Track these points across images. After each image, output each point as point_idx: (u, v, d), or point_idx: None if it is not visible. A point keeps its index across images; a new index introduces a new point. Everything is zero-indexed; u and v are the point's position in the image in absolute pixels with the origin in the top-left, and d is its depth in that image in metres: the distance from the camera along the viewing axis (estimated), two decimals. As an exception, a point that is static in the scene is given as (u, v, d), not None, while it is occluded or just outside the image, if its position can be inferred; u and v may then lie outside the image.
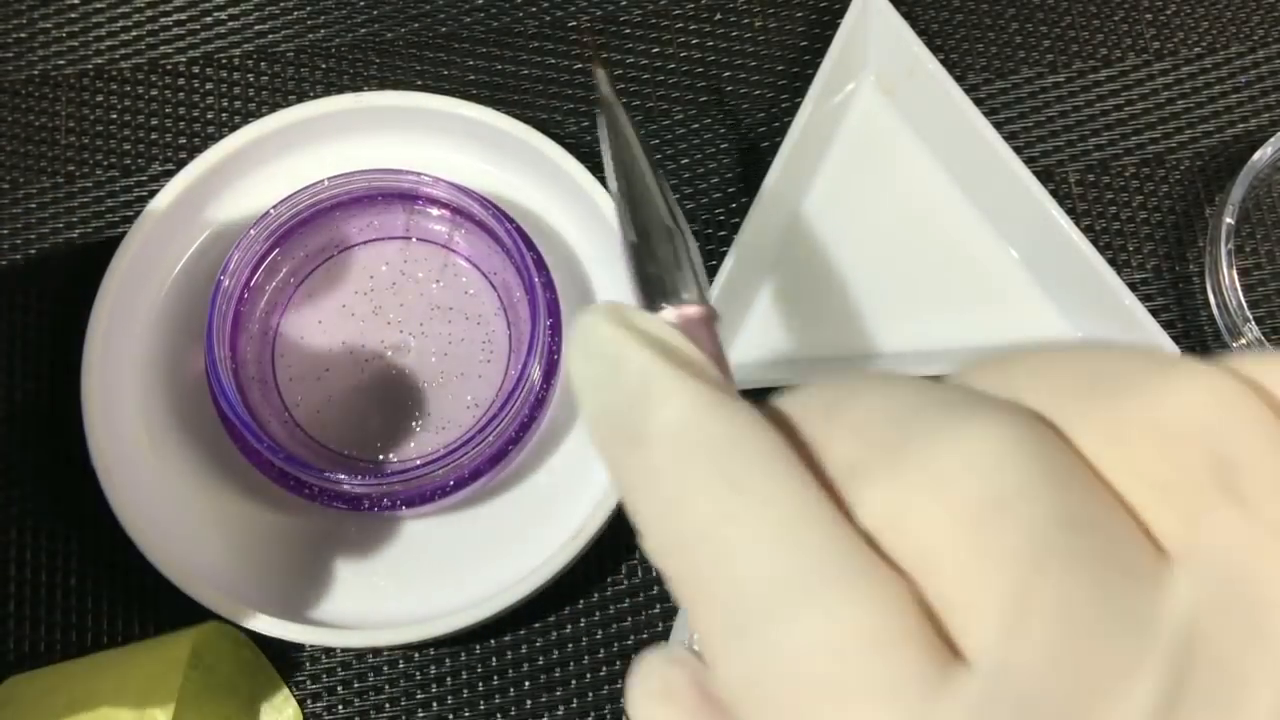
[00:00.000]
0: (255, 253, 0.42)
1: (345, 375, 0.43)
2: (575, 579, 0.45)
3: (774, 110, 0.51)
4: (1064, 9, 0.53)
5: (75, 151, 0.50)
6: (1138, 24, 0.53)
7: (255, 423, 0.39)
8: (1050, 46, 0.52)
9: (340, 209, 0.43)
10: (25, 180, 0.49)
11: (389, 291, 0.44)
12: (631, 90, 0.51)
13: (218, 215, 0.45)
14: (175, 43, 0.51)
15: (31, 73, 0.51)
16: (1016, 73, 0.52)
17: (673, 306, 0.29)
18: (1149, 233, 0.50)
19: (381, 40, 0.52)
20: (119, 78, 0.51)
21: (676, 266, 0.31)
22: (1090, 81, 0.52)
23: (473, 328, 0.43)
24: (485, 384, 0.43)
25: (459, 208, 0.43)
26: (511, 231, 0.41)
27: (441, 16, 0.52)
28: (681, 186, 0.50)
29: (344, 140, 0.46)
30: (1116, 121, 0.51)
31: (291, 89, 0.51)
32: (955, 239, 0.49)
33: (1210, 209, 0.50)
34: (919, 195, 0.50)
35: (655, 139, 0.50)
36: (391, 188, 0.42)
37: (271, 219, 0.41)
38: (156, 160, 0.50)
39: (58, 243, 0.48)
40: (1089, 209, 0.50)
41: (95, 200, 0.49)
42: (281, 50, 0.51)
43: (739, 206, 0.49)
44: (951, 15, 0.53)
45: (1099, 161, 0.51)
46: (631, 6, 0.52)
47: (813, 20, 0.52)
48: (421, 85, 0.51)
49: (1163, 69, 0.52)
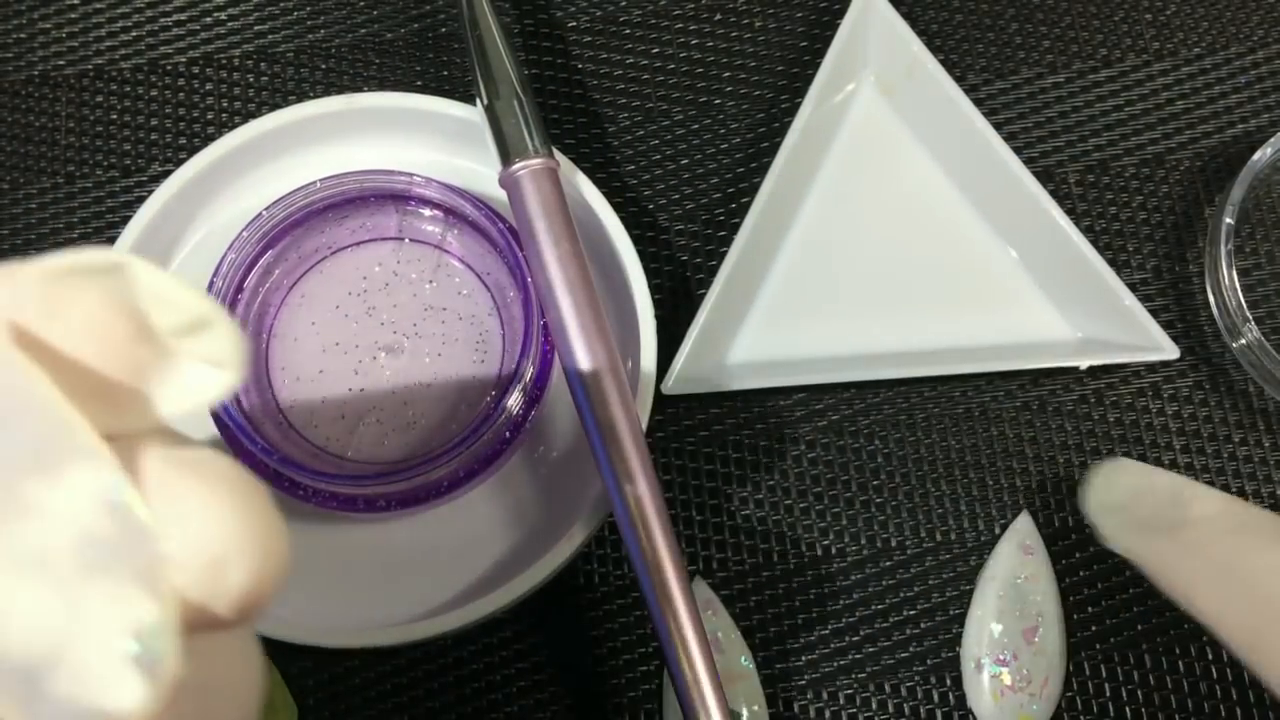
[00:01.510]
0: (248, 254, 0.42)
1: (339, 376, 0.43)
2: (569, 579, 0.45)
3: (773, 110, 0.51)
4: (1064, 9, 0.53)
5: (75, 152, 0.50)
6: (1137, 24, 0.52)
7: (249, 424, 0.40)
8: (1050, 47, 0.52)
9: (333, 210, 0.43)
10: (25, 180, 0.49)
11: (382, 292, 0.44)
12: (631, 90, 0.51)
13: (210, 217, 0.46)
14: (175, 43, 0.51)
15: (31, 73, 0.51)
16: (1016, 73, 0.52)
17: (522, 160, 0.40)
18: (1149, 233, 0.50)
19: (381, 41, 0.52)
20: (119, 78, 0.51)
21: (522, 125, 0.41)
22: (1090, 82, 0.51)
23: (466, 328, 0.43)
24: (479, 383, 0.43)
25: (451, 208, 0.43)
26: (504, 231, 0.41)
27: (441, 17, 0.52)
28: (681, 186, 0.50)
29: (337, 142, 0.46)
30: (1116, 122, 0.51)
31: (291, 89, 0.51)
32: (954, 239, 0.49)
33: (1210, 209, 0.50)
34: (919, 196, 0.50)
35: (655, 139, 0.50)
36: (384, 188, 0.42)
37: (264, 220, 0.41)
38: (156, 161, 0.50)
39: (58, 243, 0.49)
40: (1089, 209, 0.50)
41: (95, 200, 0.49)
42: (281, 51, 0.51)
43: (739, 207, 0.49)
44: (951, 15, 0.52)
45: (1099, 162, 0.50)
46: (631, 7, 0.52)
47: (812, 20, 0.52)
48: (421, 86, 0.51)
49: (1162, 69, 0.52)
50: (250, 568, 0.18)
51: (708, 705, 0.36)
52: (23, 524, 0.17)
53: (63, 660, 0.16)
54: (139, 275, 0.18)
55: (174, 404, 0.19)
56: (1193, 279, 0.49)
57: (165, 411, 0.19)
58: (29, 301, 0.18)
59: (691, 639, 0.36)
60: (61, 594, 0.17)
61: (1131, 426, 0.47)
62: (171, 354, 0.19)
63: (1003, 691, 0.43)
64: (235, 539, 0.18)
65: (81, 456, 0.17)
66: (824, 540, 0.46)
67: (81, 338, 0.18)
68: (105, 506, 0.17)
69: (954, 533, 0.46)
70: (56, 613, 0.16)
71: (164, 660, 0.17)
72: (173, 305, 0.18)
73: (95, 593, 0.17)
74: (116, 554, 0.17)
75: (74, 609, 0.16)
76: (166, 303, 0.18)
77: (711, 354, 0.47)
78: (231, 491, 0.18)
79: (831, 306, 0.48)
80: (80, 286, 0.18)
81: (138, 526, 0.17)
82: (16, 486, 0.17)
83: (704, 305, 0.45)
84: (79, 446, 0.17)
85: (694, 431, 0.47)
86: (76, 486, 0.17)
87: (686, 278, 0.49)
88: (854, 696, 0.44)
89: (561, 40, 0.52)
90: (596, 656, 0.45)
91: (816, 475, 0.47)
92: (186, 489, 0.18)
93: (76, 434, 0.17)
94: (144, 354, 0.19)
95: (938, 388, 0.48)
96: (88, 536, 0.17)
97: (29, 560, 0.17)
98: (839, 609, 0.45)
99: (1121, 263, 0.49)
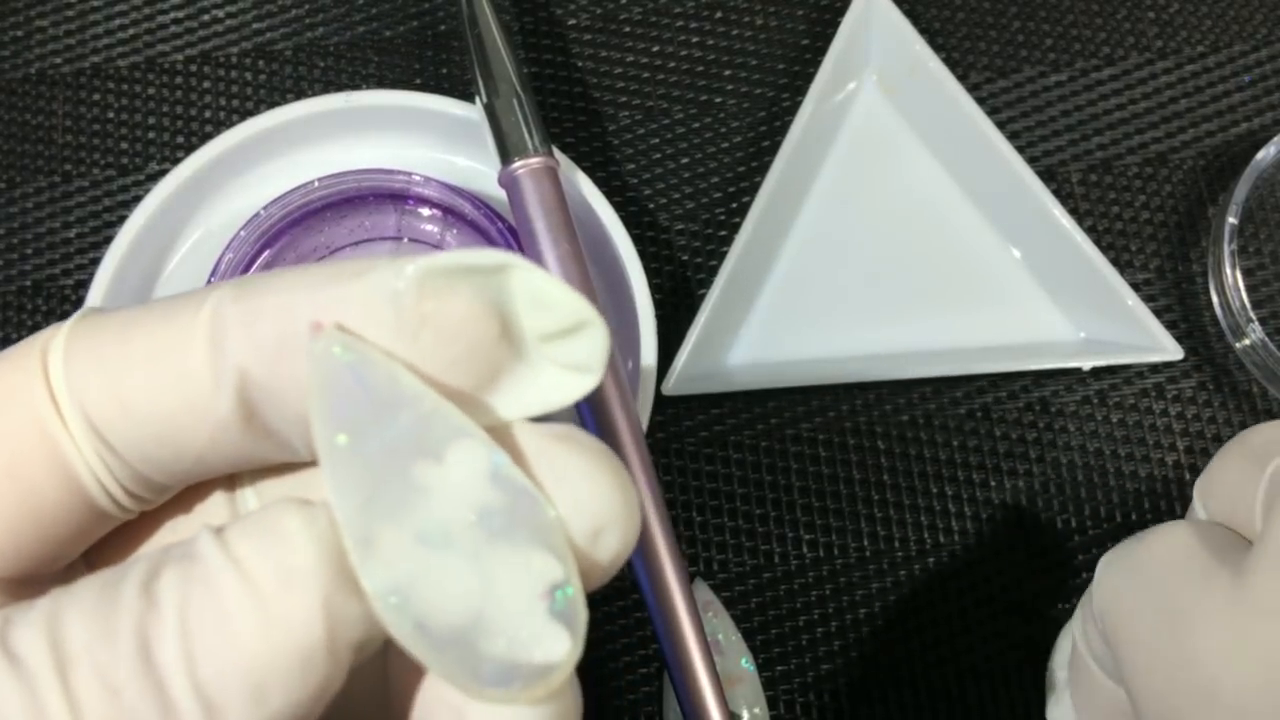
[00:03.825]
0: (246, 254, 0.41)
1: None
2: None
3: (775, 109, 0.51)
4: (1066, 7, 0.52)
5: (72, 150, 0.50)
6: (1140, 22, 0.52)
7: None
8: (1053, 45, 0.52)
9: (331, 209, 0.42)
10: (22, 179, 0.49)
11: (381, 292, 0.43)
12: (631, 89, 0.51)
13: (207, 216, 0.45)
14: (173, 41, 0.51)
15: (28, 71, 0.51)
16: (1019, 71, 0.51)
17: (521, 159, 0.40)
18: (1152, 232, 0.49)
19: (380, 39, 0.51)
20: (116, 76, 0.51)
21: (522, 124, 0.41)
22: (1093, 80, 0.51)
23: (466, 328, 0.43)
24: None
25: (450, 207, 0.42)
26: (504, 231, 0.41)
27: (440, 15, 0.52)
28: (682, 186, 0.50)
29: (335, 141, 0.46)
30: (1119, 120, 0.51)
31: (290, 87, 0.51)
32: (956, 239, 0.49)
33: (1213, 209, 0.49)
34: (920, 195, 0.49)
35: (655, 138, 0.50)
36: (382, 188, 0.42)
37: (262, 220, 0.41)
38: (154, 159, 0.50)
39: (54, 242, 0.48)
40: (1091, 209, 0.50)
41: (92, 200, 0.49)
42: (279, 49, 0.51)
43: (740, 206, 0.49)
44: (953, 13, 0.52)
45: (1101, 161, 0.50)
46: (631, 4, 0.52)
47: (813, 19, 0.52)
48: (420, 84, 0.50)
49: (1166, 67, 0.51)
50: (623, 535, 0.19)
51: (707, 706, 0.35)
52: (422, 504, 0.18)
53: (488, 623, 0.18)
54: (523, 276, 0.19)
55: (524, 407, 0.20)
56: (1196, 279, 0.49)
57: (512, 414, 0.20)
58: (409, 296, 0.18)
59: (691, 639, 0.36)
60: (472, 563, 0.18)
61: (1135, 428, 0.47)
62: (530, 356, 0.20)
63: None
64: (613, 508, 0.19)
65: (459, 436, 0.19)
66: (825, 541, 0.46)
67: (452, 336, 0.19)
68: (491, 480, 0.18)
69: (956, 534, 0.46)
70: (472, 580, 0.18)
71: (578, 612, 0.18)
72: (553, 308, 0.19)
73: (502, 558, 0.18)
74: (512, 521, 0.18)
75: (487, 575, 0.18)
76: (546, 305, 0.19)
77: (712, 354, 0.46)
78: (609, 463, 0.19)
79: (833, 307, 0.48)
80: (457, 284, 0.19)
81: (527, 494, 0.18)
82: (408, 471, 0.18)
83: (704, 305, 0.45)
84: (455, 428, 0.19)
85: (694, 432, 0.47)
86: (461, 464, 0.18)
87: (687, 278, 0.48)
88: (855, 698, 0.44)
89: (561, 38, 0.51)
90: (596, 658, 0.44)
91: (818, 476, 0.46)
92: (567, 462, 0.19)
93: (450, 418, 0.19)
94: (502, 354, 0.19)
95: (939, 389, 0.47)
96: (483, 508, 0.18)
97: (436, 536, 0.18)
98: (840, 611, 0.45)
99: (1124, 263, 0.49)
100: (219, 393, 0.19)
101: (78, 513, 0.20)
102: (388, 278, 0.18)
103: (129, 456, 0.19)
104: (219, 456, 0.20)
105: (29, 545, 0.20)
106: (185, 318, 0.19)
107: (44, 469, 0.19)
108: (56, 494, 0.19)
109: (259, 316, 0.19)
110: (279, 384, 0.19)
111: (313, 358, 0.18)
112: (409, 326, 0.18)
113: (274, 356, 0.19)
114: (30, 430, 0.19)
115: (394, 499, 0.18)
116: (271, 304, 0.19)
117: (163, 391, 0.19)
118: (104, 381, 0.19)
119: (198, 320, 0.19)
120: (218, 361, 0.19)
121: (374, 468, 0.18)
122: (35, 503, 0.19)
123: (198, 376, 0.19)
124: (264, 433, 0.19)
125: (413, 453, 0.18)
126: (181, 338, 0.19)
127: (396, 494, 0.18)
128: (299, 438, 0.20)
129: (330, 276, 0.19)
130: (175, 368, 0.19)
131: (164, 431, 0.19)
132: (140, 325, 0.19)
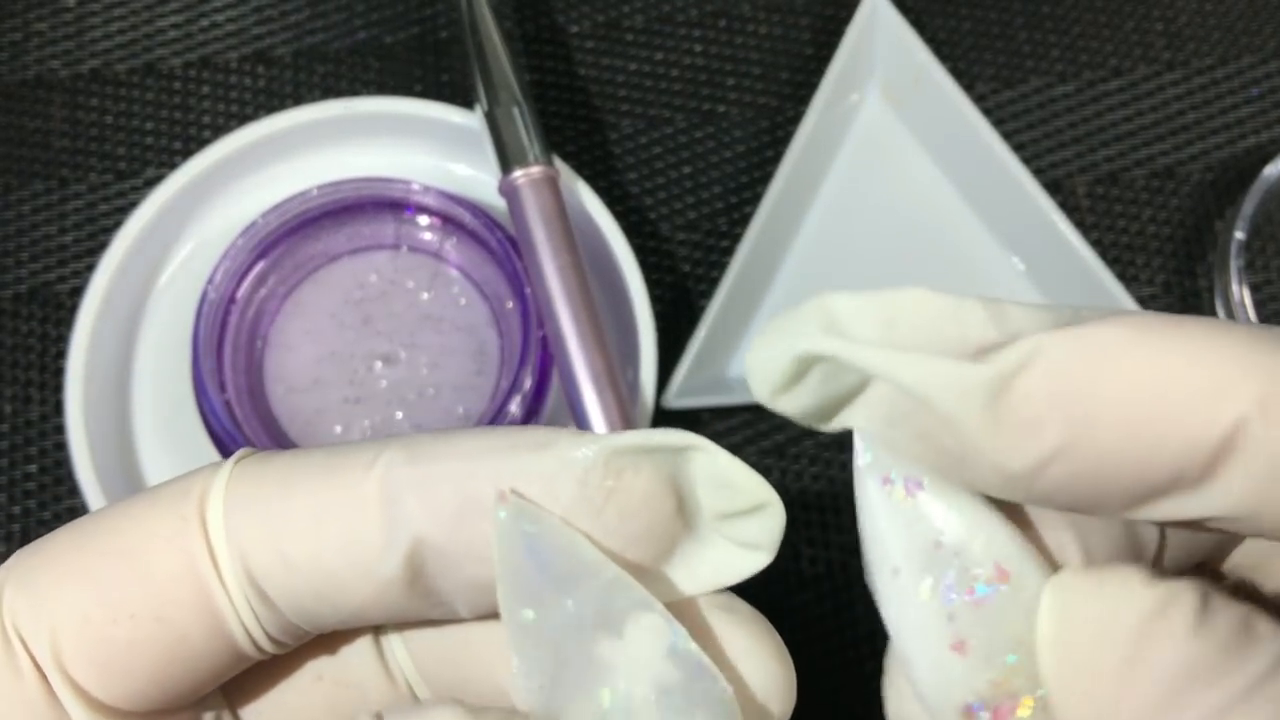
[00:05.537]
0: (243, 262, 0.41)
1: (335, 386, 0.42)
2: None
3: (778, 119, 0.50)
4: (1074, 18, 0.52)
5: (69, 155, 0.49)
6: (1149, 34, 0.52)
7: (243, 435, 0.39)
8: (1059, 56, 0.51)
9: (329, 218, 0.42)
10: (18, 184, 0.49)
11: (379, 301, 0.43)
12: (633, 98, 0.50)
13: (204, 223, 0.45)
14: (171, 45, 0.51)
15: (26, 75, 0.50)
16: (1025, 82, 0.51)
17: (522, 168, 0.40)
18: (1158, 246, 0.49)
19: (380, 45, 0.51)
20: (114, 80, 0.50)
21: (523, 132, 0.41)
22: (1100, 92, 0.51)
23: (464, 338, 0.43)
24: (477, 394, 0.42)
25: (449, 216, 0.42)
26: (503, 240, 0.41)
27: (441, 21, 0.51)
28: (683, 195, 0.49)
29: (334, 147, 0.45)
30: (1126, 133, 0.50)
31: (289, 93, 0.50)
32: (960, 250, 0.48)
33: (1220, 223, 0.49)
34: (924, 205, 0.49)
35: (657, 147, 0.50)
36: (381, 196, 0.42)
37: (259, 228, 0.41)
38: (151, 165, 0.49)
39: (50, 247, 0.48)
40: (1098, 221, 0.49)
41: (88, 205, 0.49)
42: (279, 54, 0.51)
43: (742, 216, 0.49)
44: (959, 23, 0.52)
45: (1108, 173, 0.50)
46: (634, 13, 0.52)
47: (818, 27, 0.52)
48: (421, 92, 0.50)
49: (1174, 80, 0.51)
50: (783, 706, 0.20)
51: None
52: (605, 681, 0.19)
53: None
54: (707, 460, 0.19)
55: (698, 583, 0.20)
56: (1203, 294, 0.48)
57: (687, 589, 0.20)
58: (595, 472, 0.19)
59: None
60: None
61: (1140, 443, 0.47)
62: (701, 531, 0.20)
63: None
64: (776, 681, 0.20)
65: (639, 609, 0.19)
66: (827, 555, 0.45)
67: (634, 512, 0.19)
68: (669, 655, 0.19)
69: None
70: None
71: None
72: (737, 490, 0.19)
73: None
74: (691, 699, 0.19)
75: None
76: (730, 487, 0.19)
77: (713, 366, 0.46)
78: (771, 638, 0.20)
79: (835, 318, 0.47)
80: (640, 463, 0.19)
81: (705, 670, 0.19)
82: (591, 647, 0.19)
83: (705, 317, 0.45)
84: (635, 600, 0.19)
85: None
86: (641, 639, 0.19)
87: (688, 288, 0.48)
88: (858, 715, 0.44)
89: (563, 46, 0.51)
90: None
91: (820, 490, 0.46)
92: (735, 634, 0.20)
93: (630, 590, 0.19)
94: (677, 529, 0.20)
95: (943, 402, 0.47)
96: (663, 685, 0.19)
97: (618, 715, 0.18)
98: (848, 625, 0.45)
99: (1130, 276, 0.49)
100: (388, 555, 0.19)
101: (222, 656, 0.20)
102: (572, 452, 0.19)
103: (284, 608, 0.20)
104: (376, 613, 0.20)
105: (173, 684, 0.20)
106: (353, 475, 0.19)
107: (194, 616, 0.19)
108: (204, 641, 0.20)
109: (437, 483, 0.19)
110: (453, 550, 0.19)
111: (499, 528, 0.19)
112: (593, 502, 0.19)
113: (452, 524, 0.19)
114: (185, 579, 0.19)
115: (577, 676, 0.19)
116: (450, 471, 0.19)
117: (329, 551, 0.19)
118: (266, 535, 0.19)
119: (368, 480, 0.19)
120: (390, 526, 0.19)
121: (558, 643, 0.19)
122: (183, 649, 0.19)
123: (367, 539, 0.19)
124: (426, 593, 0.19)
125: (595, 627, 0.19)
126: (350, 497, 0.19)
127: (579, 671, 0.19)
128: (463, 601, 0.20)
129: (511, 446, 0.19)
130: (344, 528, 0.19)
131: (324, 589, 0.19)
132: (304, 478, 0.19)
